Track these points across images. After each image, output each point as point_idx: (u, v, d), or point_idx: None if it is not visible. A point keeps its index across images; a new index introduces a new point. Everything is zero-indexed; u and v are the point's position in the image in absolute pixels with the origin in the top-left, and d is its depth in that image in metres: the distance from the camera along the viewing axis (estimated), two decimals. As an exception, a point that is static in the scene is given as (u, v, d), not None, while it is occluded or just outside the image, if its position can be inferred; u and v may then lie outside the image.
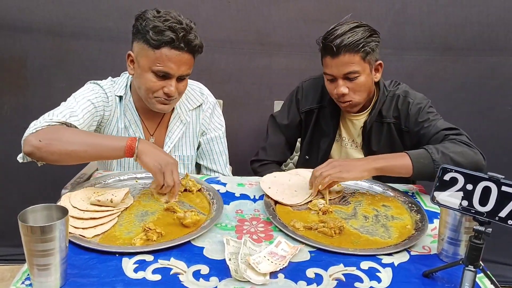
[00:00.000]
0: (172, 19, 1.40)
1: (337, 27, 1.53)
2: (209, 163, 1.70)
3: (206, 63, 2.18)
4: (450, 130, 1.53)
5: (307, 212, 1.34)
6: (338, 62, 1.52)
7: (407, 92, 1.66)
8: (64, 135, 1.32)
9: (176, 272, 1.03)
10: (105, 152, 1.33)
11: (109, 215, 1.21)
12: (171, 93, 1.45)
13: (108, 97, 1.54)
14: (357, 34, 1.50)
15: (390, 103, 1.67)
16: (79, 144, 1.31)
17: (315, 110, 1.76)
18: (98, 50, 2.17)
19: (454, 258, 1.10)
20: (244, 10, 2.17)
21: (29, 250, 0.92)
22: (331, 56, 1.53)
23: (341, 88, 1.55)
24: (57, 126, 1.35)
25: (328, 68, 1.56)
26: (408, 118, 1.63)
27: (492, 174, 0.94)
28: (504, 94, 2.30)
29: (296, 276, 1.04)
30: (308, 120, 1.79)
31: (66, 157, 1.31)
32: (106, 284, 0.98)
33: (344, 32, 1.50)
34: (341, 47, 1.49)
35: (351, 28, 1.51)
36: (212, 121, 1.69)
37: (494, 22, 2.18)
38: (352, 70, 1.53)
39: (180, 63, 1.43)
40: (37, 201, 1.00)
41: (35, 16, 2.10)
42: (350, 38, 1.49)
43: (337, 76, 1.55)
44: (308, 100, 1.77)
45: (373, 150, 1.69)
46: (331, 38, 1.51)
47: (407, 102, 1.64)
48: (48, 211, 0.98)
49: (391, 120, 1.67)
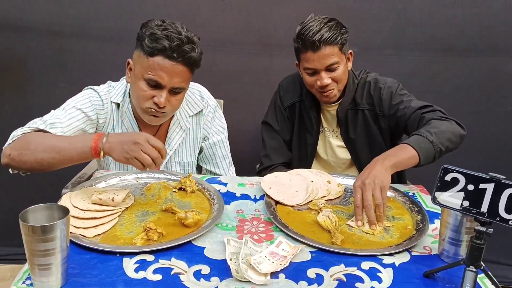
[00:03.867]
0: (172, 29, 1.38)
1: (310, 24, 1.59)
2: (212, 167, 1.69)
3: (207, 63, 2.15)
4: (425, 108, 1.59)
5: (307, 212, 1.33)
6: (320, 55, 1.58)
7: (377, 79, 1.73)
8: (32, 144, 1.28)
9: (177, 272, 1.03)
10: (73, 156, 1.26)
11: (110, 215, 1.21)
12: (160, 103, 1.41)
13: (104, 103, 1.53)
14: (332, 27, 1.58)
15: (362, 90, 1.74)
16: (46, 151, 1.26)
17: (296, 104, 1.82)
18: (98, 50, 2.17)
19: (455, 259, 1.10)
20: (245, 10, 2.17)
21: (30, 250, 0.92)
22: (312, 51, 1.58)
23: (325, 80, 1.62)
24: (29, 134, 1.32)
25: (310, 62, 1.61)
26: (381, 102, 1.69)
27: (493, 175, 0.94)
28: (505, 95, 2.30)
29: (297, 276, 1.04)
30: (292, 116, 1.84)
31: (37, 165, 1.27)
32: (107, 284, 0.98)
33: (321, 28, 1.57)
34: (322, 41, 1.56)
35: (325, 23, 1.59)
36: (213, 125, 1.67)
37: (495, 23, 2.18)
38: (334, 61, 1.60)
39: (172, 73, 1.39)
40: (38, 201, 1.00)
41: (36, 16, 2.10)
42: (328, 32, 1.57)
43: (319, 69, 1.61)
44: (289, 95, 1.83)
45: (351, 137, 1.76)
46: (310, 33, 1.56)
47: (379, 88, 1.70)
48: (49, 210, 0.98)
49: (365, 106, 1.73)
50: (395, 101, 1.66)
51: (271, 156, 1.83)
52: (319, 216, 1.26)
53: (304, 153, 1.85)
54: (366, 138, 1.75)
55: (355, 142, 1.76)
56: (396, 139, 1.76)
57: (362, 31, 2.19)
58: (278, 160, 1.83)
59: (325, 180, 1.50)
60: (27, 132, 1.34)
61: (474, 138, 1.60)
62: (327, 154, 1.83)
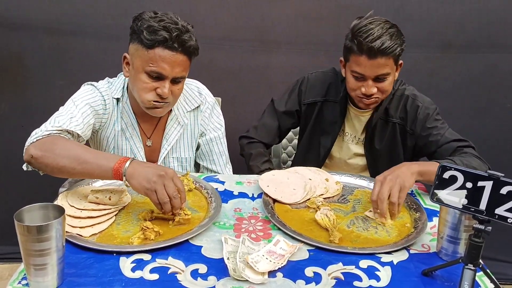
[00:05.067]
0: (168, 20, 1.38)
1: (370, 26, 1.48)
2: (208, 163, 1.69)
3: (205, 61, 2.17)
4: (460, 141, 1.57)
5: (305, 210, 1.33)
6: (374, 64, 1.49)
7: (415, 95, 1.66)
8: (57, 148, 1.26)
9: (174, 271, 1.02)
10: (94, 172, 1.23)
11: (107, 214, 1.20)
12: (164, 94, 1.42)
13: (105, 100, 1.52)
14: (393, 36, 1.48)
15: (398, 103, 1.66)
16: (69, 160, 1.23)
17: (317, 103, 1.75)
18: (96, 48, 2.16)
19: (454, 257, 1.10)
20: (244, 7, 2.16)
21: (25, 249, 0.92)
22: (367, 57, 1.48)
23: (371, 89, 1.54)
24: (55, 136, 1.31)
25: (361, 67, 1.51)
26: (415, 121, 1.63)
27: (491, 172, 0.93)
28: (504, 92, 2.29)
29: (295, 275, 1.03)
30: (309, 113, 1.77)
31: (57, 171, 1.26)
32: (104, 283, 0.97)
33: (382, 33, 1.47)
34: (381, 50, 1.46)
35: (387, 29, 1.48)
36: (211, 121, 1.67)
37: (494, 19, 2.17)
38: (385, 72, 1.52)
39: (174, 64, 1.40)
40: (35, 200, 1.00)
41: (33, 14, 2.09)
42: (389, 40, 1.46)
43: (368, 76, 1.52)
44: (312, 92, 1.75)
45: (375, 147, 1.70)
46: (370, 38, 1.46)
47: (416, 106, 1.64)
48: (45, 210, 0.98)
49: (397, 120, 1.67)
50: (430, 125, 1.61)
51: (259, 131, 1.80)
52: (317, 214, 1.26)
53: (314, 154, 1.79)
54: (389, 151, 1.69)
55: (378, 153, 1.70)
56: (416, 157, 1.71)
57: (360, 28, 2.18)
58: (262, 138, 1.79)
59: (323, 178, 1.49)
60: (54, 134, 1.32)
61: (473, 135, 1.59)
62: (340, 159, 1.78)
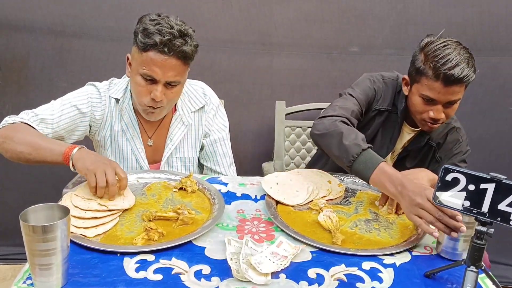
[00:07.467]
0: (164, 23, 1.38)
1: (447, 51, 1.43)
2: (212, 164, 1.69)
3: (208, 63, 2.18)
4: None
5: (308, 212, 1.33)
6: (448, 91, 1.44)
7: (460, 129, 1.67)
8: (17, 135, 1.34)
9: (177, 272, 1.03)
10: (47, 157, 1.31)
11: (111, 215, 1.21)
12: (157, 98, 1.42)
13: (102, 99, 1.54)
14: (469, 63, 1.44)
15: (443, 128, 1.65)
16: (26, 146, 1.32)
17: (385, 112, 1.66)
18: (99, 50, 2.17)
19: (453, 254, 1.12)
20: (246, 10, 2.17)
21: (30, 249, 0.92)
22: (443, 83, 1.43)
23: (440, 114, 1.50)
24: (17, 125, 1.38)
25: (433, 92, 1.46)
26: (448, 152, 1.64)
27: (494, 175, 0.94)
28: (505, 94, 2.29)
29: (298, 276, 1.04)
30: (375, 121, 1.67)
31: (16, 157, 1.34)
32: (108, 283, 0.98)
33: (460, 60, 1.42)
34: (459, 79, 1.41)
35: (463, 55, 1.44)
36: (215, 122, 1.68)
37: (496, 22, 2.17)
38: (457, 99, 1.48)
39: (165, 68, 1.40)
40: (38, 201, 1.00)
41: (37, 15, 2.10)
42: (467, 68, 1.42)
43: (439, 102, 1.48)
44: (385, 99, 1.66)
45: (405, 166, 1.67)
46: (449, 65, 1.41)
47: (456, 139, 1.64)
48: (50, 210, 0.98)
49: (434, 144, 1.65)
50: (455, 160, 1.63)
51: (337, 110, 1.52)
52: (320, 216, 1.26)
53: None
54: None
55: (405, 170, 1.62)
56: None
57: (363, 30, 2.19)
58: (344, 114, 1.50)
59: (325, 180, 1.50)
60: (16, 123, 1.39)
61: (475, 138, 1.60)
62: None
